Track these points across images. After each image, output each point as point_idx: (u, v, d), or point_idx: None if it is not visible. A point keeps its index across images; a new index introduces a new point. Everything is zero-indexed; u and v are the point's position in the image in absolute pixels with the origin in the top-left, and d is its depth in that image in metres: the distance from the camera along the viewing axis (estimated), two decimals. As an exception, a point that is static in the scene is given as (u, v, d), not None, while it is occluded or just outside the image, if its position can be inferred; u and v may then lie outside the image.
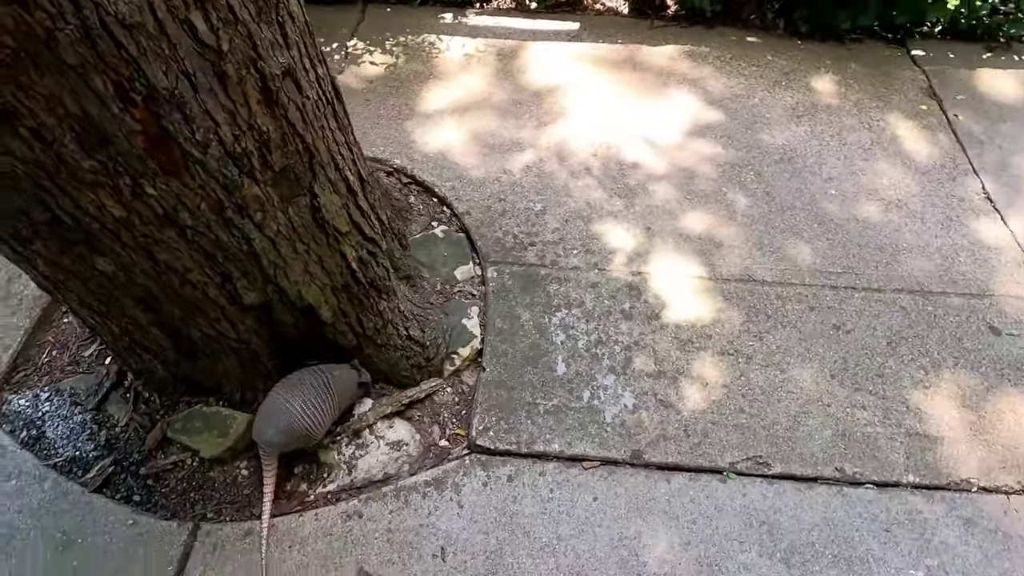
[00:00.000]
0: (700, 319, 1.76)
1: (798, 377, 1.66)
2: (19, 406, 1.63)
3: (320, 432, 1.43)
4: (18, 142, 0.82)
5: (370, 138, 2.21)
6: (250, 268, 1.22)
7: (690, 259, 1.90)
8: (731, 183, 2.10)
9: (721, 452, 1.53)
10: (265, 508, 1.39)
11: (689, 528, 1.42)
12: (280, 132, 1.06)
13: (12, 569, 1.36)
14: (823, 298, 1.82)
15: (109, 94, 0.82)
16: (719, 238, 1.95)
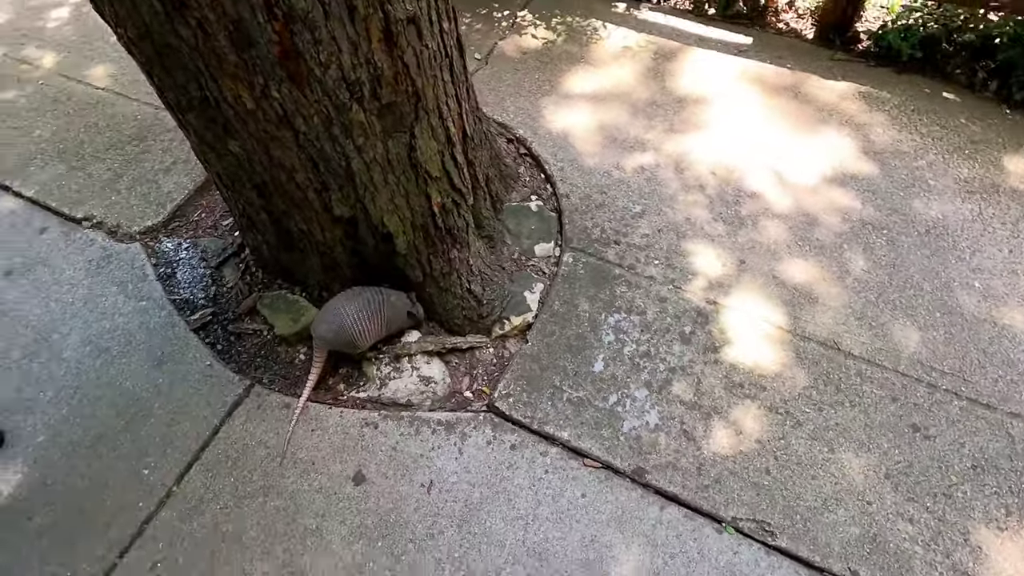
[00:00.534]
0: (760, 368, 1.66)
1: (846, 462, 1.51)
2: (166, 248, 2.01)
3: (364, 343, 1.60)
4: (186, 29, 1.03)
5: (505, 104, 2.33)
6: (344, 184, 1.39)
7: (775, 305, 1.78)
8: (855, 242, 1.91)
9: (728, 503, 1.45)
10: (305, 391, 1.60)
11: (664, 561, 1.39)
12: (393, 71, 1.19)
13: (121, 367, 1.72)
14: (913, 393, 1.61)
15: (259, 5, 1.00)
16: (816, 294, 1.80)
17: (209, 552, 1.41)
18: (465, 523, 1.45)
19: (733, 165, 2.12)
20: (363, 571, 1.38)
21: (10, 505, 1.49)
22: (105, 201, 2.11)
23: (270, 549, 1.41)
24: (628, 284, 1.83)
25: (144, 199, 2.12)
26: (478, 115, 1.71)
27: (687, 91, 2.36)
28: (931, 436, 1.55)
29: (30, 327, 1.80)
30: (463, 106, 1.48)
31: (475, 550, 1.41)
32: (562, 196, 2.04)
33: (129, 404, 1.64)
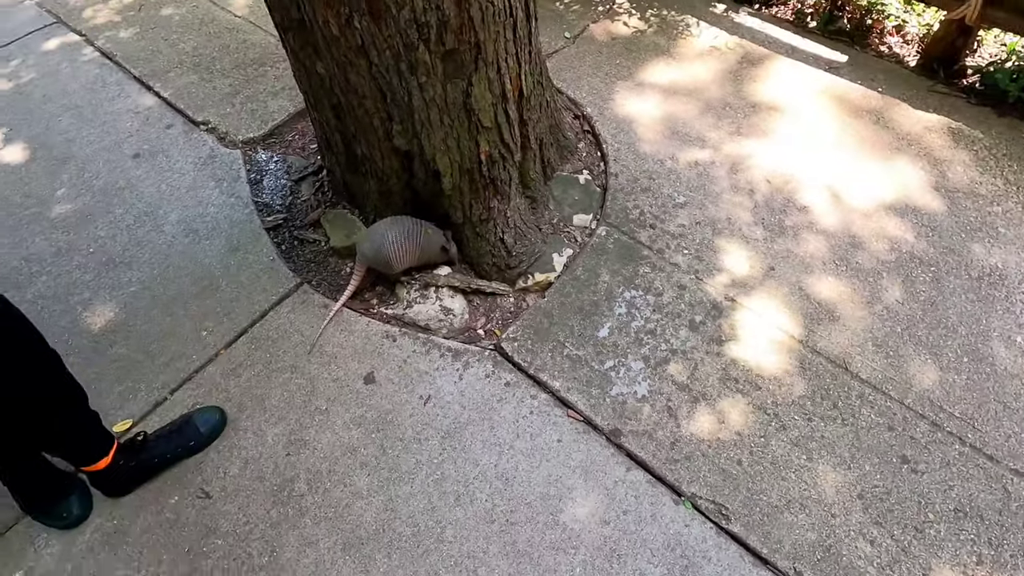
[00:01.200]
0: (760, 369, 1.69)
1: (821, 474, 1.53)
2: (260, 158, 2.31)
3: (397, 266, 1.79)
4: (294, -42, 1.25)
5: (581, 83, 2.44)
6: (405, 118, 1.58)
7: (793, 315, 1.79)
8: (896, 273, 1.87)
9: (692, 480, 1.52)
10: (342, 297, 1.83)
11: (617, 514, 1.48)
12: (459, 20, 1.35)
13: (204, 247, 2.02)
14: (913, 427, 1.59)
15: (353, -55, 1.19)
16: (839, 313, 1.79)
17: (237, 406, 1.67)
18: (449, 437, 1.61)
19: (790, 176, 2.12)
20: (355, 454, 1.59)
21: (101, 334, 1.82)
22: (221, 111, 2.45)
23: (284, 416, 1.65)
24: (652, 266, 1.91)
25: (252, 115, 2.44)
26: (541, 80, 1.84)
27: (763, 98, 2.36)
28: (919, 471, 1.53)
29: (143, 200, 2.16)
30: (522, 67, 1.62)
31: (451, 461, 1.57)
32: (611, 175, 2.13)
33: (203, 277, 1.95)
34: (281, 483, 1.53)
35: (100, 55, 2.75)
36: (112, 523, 1.49)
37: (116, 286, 1.93)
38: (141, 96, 2.55)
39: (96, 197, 2.18)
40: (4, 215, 2.14)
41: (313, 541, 1.45)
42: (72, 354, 1.77)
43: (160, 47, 2.75)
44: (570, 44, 2.62)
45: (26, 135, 2.41)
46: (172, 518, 1.49)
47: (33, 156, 2.34)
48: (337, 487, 1.53)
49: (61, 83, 2.63)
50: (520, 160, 1.84)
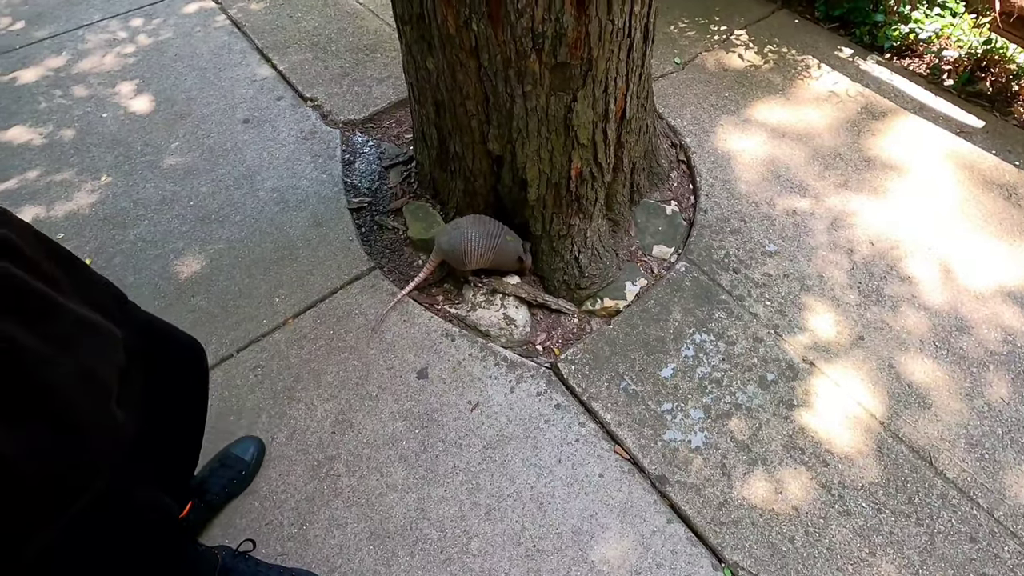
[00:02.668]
0: (831, 443, 1.57)
1: (883, 573, 1.39)
2: (356, 140, 2.39)
3: (469, 264, 1.79)
4: (427, -45, 1.27)
5: (684, 111, 2.36)
6: (503, 123, 1.57)
7: (877, 392, 1.65)
8: (1006, 368, 1.68)
9: (736, 547, 1.42)
10: (409, 285, 1.84)
11: (651, 565, 1.41)
12: (576, 35, 1.33)
13: (290, 217, 2.11)
14: (999, 544, 1.42)
15: (486, -51, 1.19)
16: (931, 401, 1.63)
17: (294, 376, 1.72)
18: (490, 448, 1.59)
19: (898, 241, 1.95)
20: (396, 446, 1.59)
21: (185, 283, 1.93)
22: (328, 90, 2.55)
23: (336, 395, 1.68)
24: (729, 312, 1.81)
25: (356, 98, 2.52)
26: (645, 104, 1.79)
27: (881, 153, 2.20)
28: (1000, 594, 1.36)
29: (244, 164, 2.28)
30: (630, 89, 1.57)
31: (488, 473, 1.55)
32: (701, 210, 2.05)
33: (285, 246, 2.02)
34: (322, 459, 1.56)
35: (231, 23, 2.94)
36: (164, 464, 1.56)
37: (207, 241, 2.04)
38: (260, 66, 2.69)
39: (204, 154, 2.32)
40: (123, 159, 2.31)
41: (342, 523, 1.46)
42: (157, 298, 1.88)
43: (284, 23, 2.91)
44: (679, 70, 2.54)
45: (155, 88, 2.60)
46: (217, 471, 1.55)
47: (157, 108, 2.52)
48: (374, 475, 1.54)
49: (192, 45, 2.82)
50: (609, 181, 1.80)
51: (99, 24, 2.97)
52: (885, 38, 2.57)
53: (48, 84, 2.64)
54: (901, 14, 2.59)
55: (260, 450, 1.55)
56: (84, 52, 2.80)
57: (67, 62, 2.75)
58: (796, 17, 2.76)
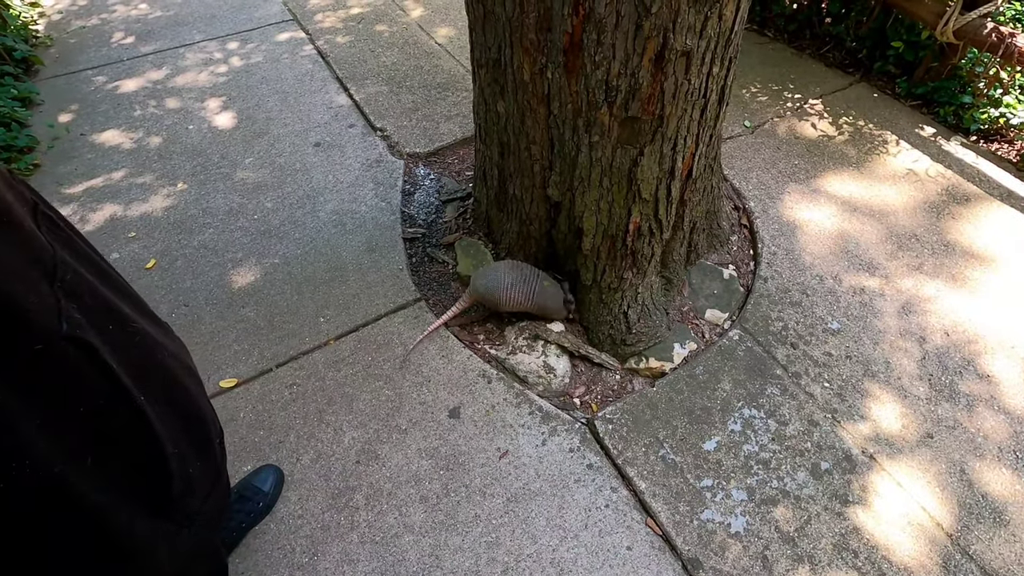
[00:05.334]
0: (889, 549, 1.41)
1: None
2: (418, 172, 2.44)
3: (504, 306, 1.75)
4: (511, 3, 1.29)
5: (750, 175, 2.31)
6: (566, 170, 1.56)
7: (946, 499, 1.49)
8: (1100, 491, 1.50)
9: (772, 653, 1.29)
10: (442, 318, 1.82)
11: (674, 658, 1.29)
12: (650, 91, 1.32)
13: (346, 240, 2.15)
14: None
15: (569, 2, 1.20)
16: (1009, 518, 1.46)
17: (328, 398, 1.71)
18: (514, 501, 1.52)
19: (977, 335, 1.81)
20: (418, 485, 1.54)
21: (238, 293, 1.98)
22: (398, 123, 2.64)
23: (365, 423, 1.66)
24: (783, 389, 1.70)
25: (423, 132, 2.59)
26: (712, 165, 1.75)
27: (961, 239, 2.07)
28: None
29: (310, 184, 2.36)
30: (699, 148, 1.54)
31: (509, 529, 1.47)
32: (760, 278, 1.96)
33: (337, 267, 2.06)
34: (343, 489, 1.53)
35: (316, 53, 3.11)
36: (190, 471, 1.56)
37: (264, 254, 2.10)
38: (337, 95, 2.82)
39: (274, 172, 2.42)
40: (200, 168, 2.44)
41: (354, 560, 1.41)
42: (210, 304, 1.93)
43: (365, 56, 3.05)
44: (748, 133, 2.50)
45: (239, 107, 2.76)
46: (239, 486, 1.53)
47: (238, 125, 2.66)
48: (392, 513, 1.49)
49: (279, 70, 2.99)
50: (668, 239, 1.75)
51: (199, 44, 3.21)
52: (972, 120, 2.46)
53: (145, 95, 2.84)
54: (991, 97, 2.49)
55: (279, 480, 1.53)
56: (181, 68, 3.02)
57: (165, 76, 2.96)
58: (875, 91, 2.69)
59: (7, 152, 2.39)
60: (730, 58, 1.37)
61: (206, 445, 0.86)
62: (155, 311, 1.90)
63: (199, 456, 0.84)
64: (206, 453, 0.85)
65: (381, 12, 3.43)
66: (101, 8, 3.55)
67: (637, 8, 1.17)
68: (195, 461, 0.84)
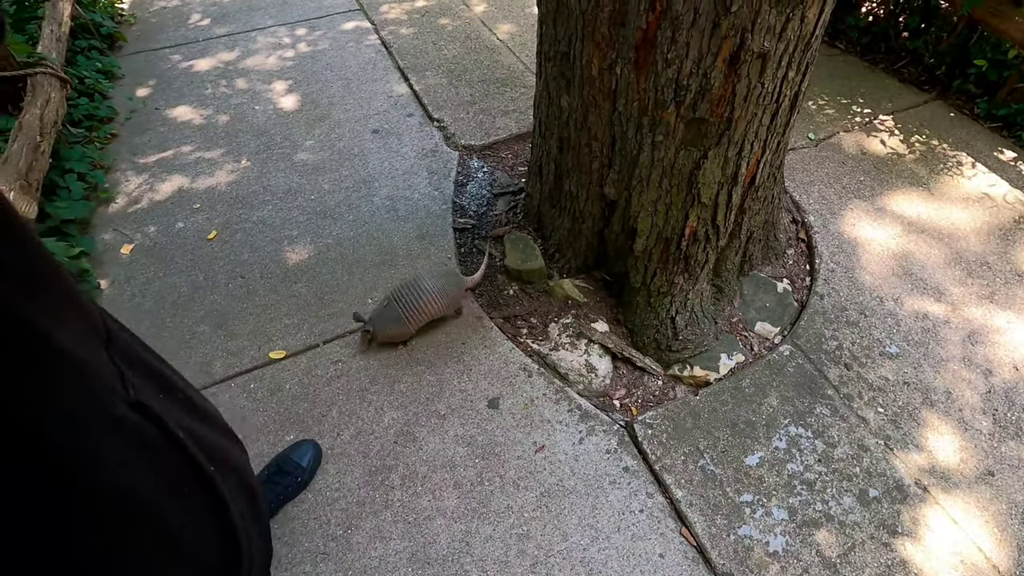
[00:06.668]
0: (938, 587, 1.35)
1: None
2: (472, 164, 2.46)
3: (414, 328, 1.76)
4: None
5: (811, 189, 2.24)
6: (625, 169, 1.55)
7: (1004, 541, 1.41)
8: None
9: None
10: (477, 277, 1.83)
11: (701, 671, 1.26)
12: (721, 93, 1.29)
13: (397, 226, 2.18)
14: None
15: (646, -3, 1.19)
16: (1075, 567, 1.37)
17: (371, 377, 1.74)
18: (547, 496, 1.51)
19: (1049, 372, 1.70)
20: (453, 471, 1.55)
21: (291, 270, 2.04)
22: (455, 114, 2.66)
23: (405, 406, 1.68)
24: (833, 410, 1.64)
25: (479, 125, 2.61)
26: (775, 174, 1.71)
27: (1038, 271, 1.95)
28: None
29: (366, 170, 2.41)
30: (765, 155, 1.50)
31: (541, 523, 1.46)
32: (816, 294, 1.90)
33: (387, 252, 2.09)
34: (380, 467, 1.55)
35: (380, 43, 3.18)
36: (236, 436, 1.62)
37: (318, 234, 2.16)
38: (398, 84, 2.87)
39: (333, 155, 2.48)
40: (263, 147, 2.52)
41: (386, 538, 1.43)
42: (265, 278, 1.99)
43: (427, 48, 3.10)
44: (812, 146, 2.42)
45: (303, 90, 2.84)
46: (282, 454, 1.58)
47: (301, 108, 2.74)
48: (426, 496, 1.50)
49: (343, 57, 3.07)
50: (723, 246, 1.71)
51: (270, 29, 3.32)
52: (1057, 146, 2.32)
53: (217, 74, 2.95)
54: (1080, 124, 2.34)
55: (317, 456, 1.56)
56: (252, 51, 3.13)
57: (236, 58, 3.07)
58: (952, 110, 2.57)
59: (89, 121, 2.53)
60: (807, 63, 1.33)
61: (261, 518, 0.77)
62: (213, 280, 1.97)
63: (260, 531, 0.78)
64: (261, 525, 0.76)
65: (445, 6, 3.48)
66: (181, -10, 3.72)
67: (716, 6, 1.15)
68: (256, 536, 0.77)
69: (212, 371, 1.74)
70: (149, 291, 1.96)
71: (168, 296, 1.95)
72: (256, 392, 1.70)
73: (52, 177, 2.13)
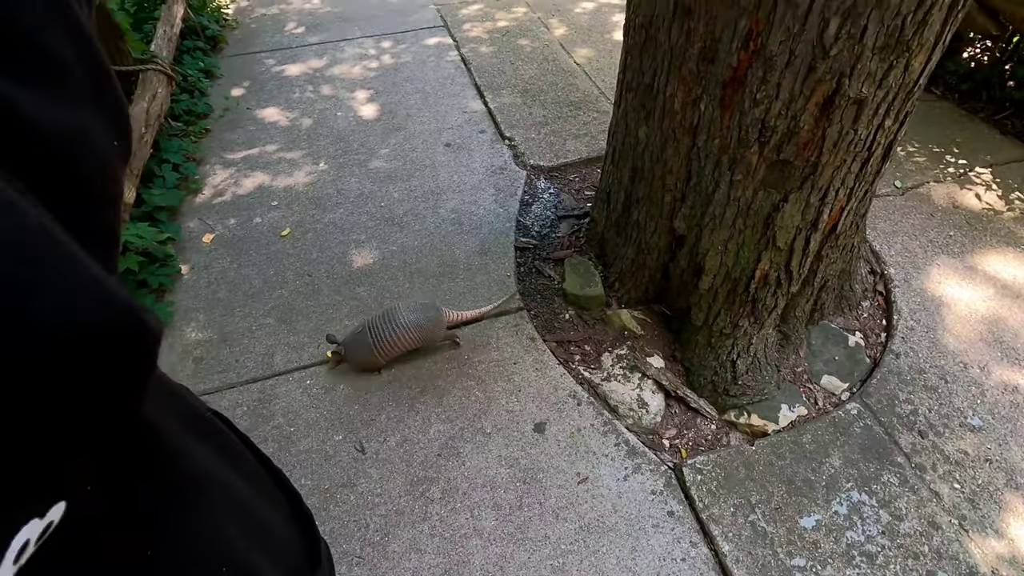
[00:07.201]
0: None
1: None
2: (539, 185, 2.47)
3: (383, 360, 1.74)
4: (677, 31, 1.28)
5: (894, 239, 2.12)
6: (698, 205, 1.52)
7: (1094, 653, 1.26)
8: None
9: None
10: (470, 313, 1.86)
11: None
12: (809, 136, 1.25)
13: (460, 239, 2.22)
14: None
15: (741, 34, 1.17)
16: None
17: (421, 387, 1.76)
18: (586, 531, 1.48)
19: None
20: (493, 491, 1.54)
21: (355, 273, 2.10)
22: (527, 134, 2.69)
23: (452, 419, 1.69)
24: (903, 480, 1.53)
25: (549, 146, 2.63)
26: (858, 223, 1.62)
27: None
28: None
29: (435, 182, 2.47)
30: (851, 203, 1.43)
31: (577, 557, 1.43)
32: (892, 352, 1.79)
33: (447, 264, 2.12)
34: (422, 477, 1.56)
35: (460, 60, 3.26)
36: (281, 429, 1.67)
37: (384, 240, 2.22)
38: (473, 101, 2.93)
39: (406, 165, 2.55)
40: (341, 152, 2.63)
41: (421, 550, 1.43)
42: (330, 277, 2.06)
43: (505, 68, 3.16)
44: (898, 194, 2.30)
45: (384, 100, 2.95)
46: (328, 453, 1.61)
47: (379, 117, 2.84)
48: (464, 513, 1.50)
49: (424, 71, 3.17)
50: (794, 293, 1.64)
51: (357, 40, 3.47)
52: None
53: (305, 80, 3.11)
54: None
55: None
56: (339, 60, 3.28)
57: (324, 65, 3.23)
58: (1061, 169, 2.38)
59: (188, 116, 2.72)
60: (906, 112, 1.27)
61: None
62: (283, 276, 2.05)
63: None
64: None
65: (526, 27, 3.54)
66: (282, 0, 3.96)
67: (814, 49, 1.12)
68: None
69: (273, 363, 1.81)
70: (224, 280, 2.07)
71: (240, 286, 2.04)
72: (312, 388, 1.76)
73: (150, 166, 2.29)
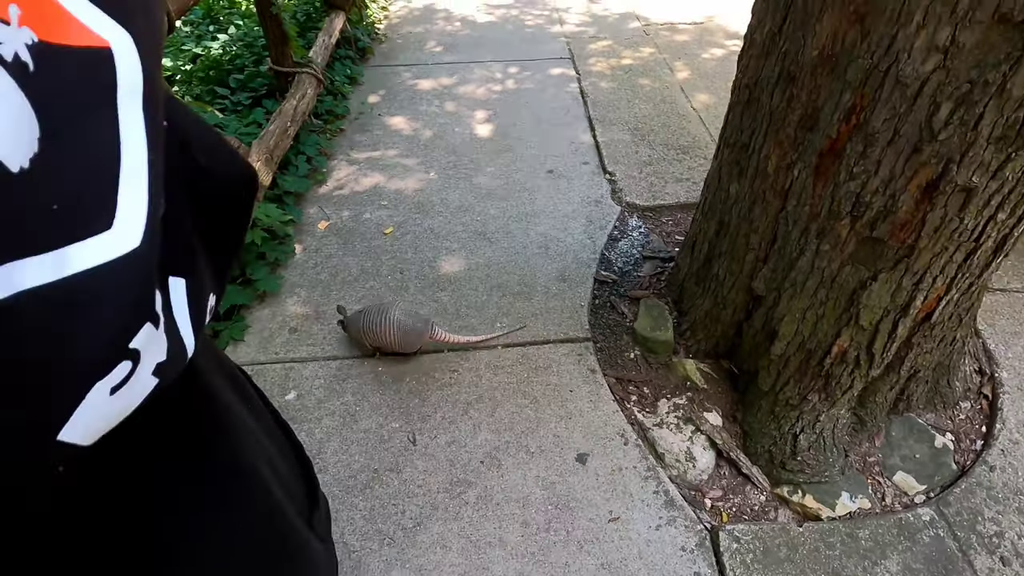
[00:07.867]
0: None
1: None
2: (631, 223, 2.50)
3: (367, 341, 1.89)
4: (779, 95, 1.28)
5: (1015, 340, 1.91)
6: (780, 269, 1.48)
7: None
8: None
9: None
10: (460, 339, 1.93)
11: None
12: (907, 218, 1.19)
13: (543, 264, 2.30)
14: None
15: (844, 107, 1.16)
16: None
17: (478, 395, 1.85)
18: (606, 569, 1.48)
19: None
20: (525, 508, 1.59)
21: (440, 278, 2.25)
22: (628, 172, 2.74)
23: (500, 432, 1.76)
24: (970, 606, 1.38)
25: (648, 186, 2.65)
26: (961, 315, 1.50)
27: None
28: None
29: (532, 205, 2.58)
30: (950, 294, 1.34)
31: (594, 594, 1.44)
32: (985, 463, 1.61)
33: (527, 284, 2.22)
34: (461, 479, 1.64)
35: (578, 91, 3.38)
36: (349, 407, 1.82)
37: (472, 252, 2.36)
38: (583, 132, 3.03)
39: (507, 185, 2.69)
40: (451, 165, 2.83)
41: (447, 547, 1.51)
42: (418, 278, 2.23)
43: (620, 104, 3.23)
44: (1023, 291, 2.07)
45: (499, 121, 3.13)
46: (384, 437, 1.75)
47: (492, 136, 3.02)
48: (493, 522, 1.56)
49: (542, 99, 3.32)
50: (875, 377, 1.54)
51: (487, 63, 3.71)
52: None
53: (433, 95, 3.38)
54: None
55: None
56: (467, 80, 3.52)
57: (453, 83, 3.49)
58: None
59: (328, 115, 3.06)
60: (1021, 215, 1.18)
61: None
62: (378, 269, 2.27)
63: None
64: None
65: (649, 67, 3.59)
66: (429, 20, 4.32)
67: (921, 131, 1.08)
68: None
69: (354, 346, 1.99)
70: (328, 265, 2.31)
71: (340, 273, 2.27)
72: (382, 376, 1.91)
73: (288, 155, 2.61)
